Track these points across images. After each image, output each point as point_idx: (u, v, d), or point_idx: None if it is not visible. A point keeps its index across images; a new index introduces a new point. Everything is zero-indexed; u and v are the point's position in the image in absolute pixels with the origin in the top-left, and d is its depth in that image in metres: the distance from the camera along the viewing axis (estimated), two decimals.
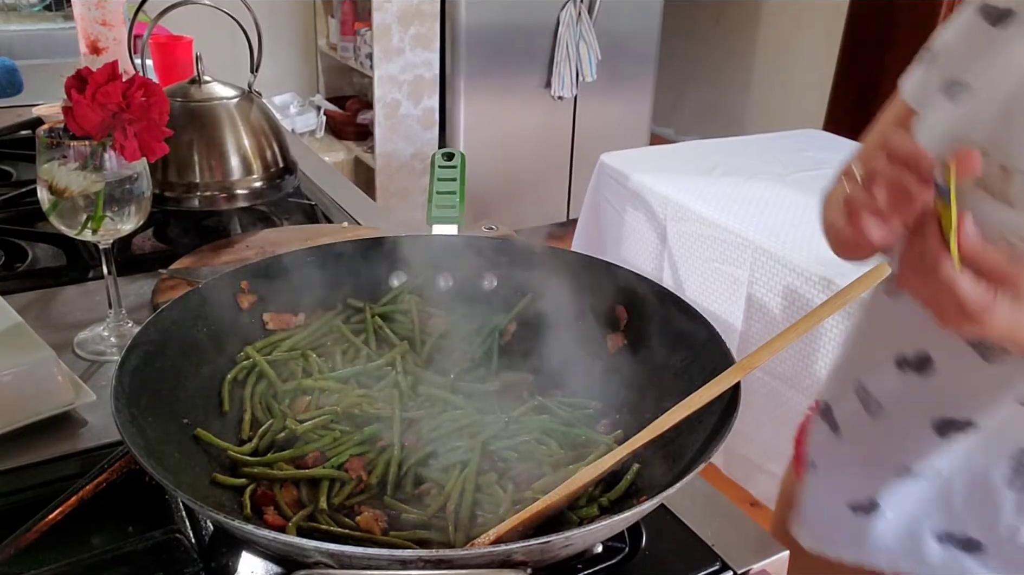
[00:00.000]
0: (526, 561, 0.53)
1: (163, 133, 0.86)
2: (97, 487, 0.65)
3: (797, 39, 4.14)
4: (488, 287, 0.88)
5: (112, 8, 1.54)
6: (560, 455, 0.71)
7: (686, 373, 0.72)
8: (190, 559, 0.62)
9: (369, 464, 0.70)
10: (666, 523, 0.69)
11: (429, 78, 3.51)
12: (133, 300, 1.03)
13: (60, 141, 0.84)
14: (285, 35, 3.75)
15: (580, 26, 3.52)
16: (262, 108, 1.24)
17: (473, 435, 0.72)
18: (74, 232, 0.87)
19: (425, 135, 3.61)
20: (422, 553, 0.52)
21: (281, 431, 0.73)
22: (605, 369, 0.80)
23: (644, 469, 0.68)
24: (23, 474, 0.73)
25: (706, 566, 0.66)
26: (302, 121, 3.69)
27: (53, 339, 0.85)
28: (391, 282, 0.89)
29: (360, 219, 1.31)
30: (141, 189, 0.88)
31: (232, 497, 0.67)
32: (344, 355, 0.82)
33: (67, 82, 0.83)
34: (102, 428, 0.79)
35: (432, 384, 0.78)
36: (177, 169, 1.16)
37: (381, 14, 3.32)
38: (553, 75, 3.57)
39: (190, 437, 0.70)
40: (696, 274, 2.38)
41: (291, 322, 0.84)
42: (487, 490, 0.67)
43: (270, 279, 0.84)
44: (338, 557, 0.52)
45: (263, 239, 1.15)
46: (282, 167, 1.24)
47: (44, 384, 0.79)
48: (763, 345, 0.66)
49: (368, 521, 0.64)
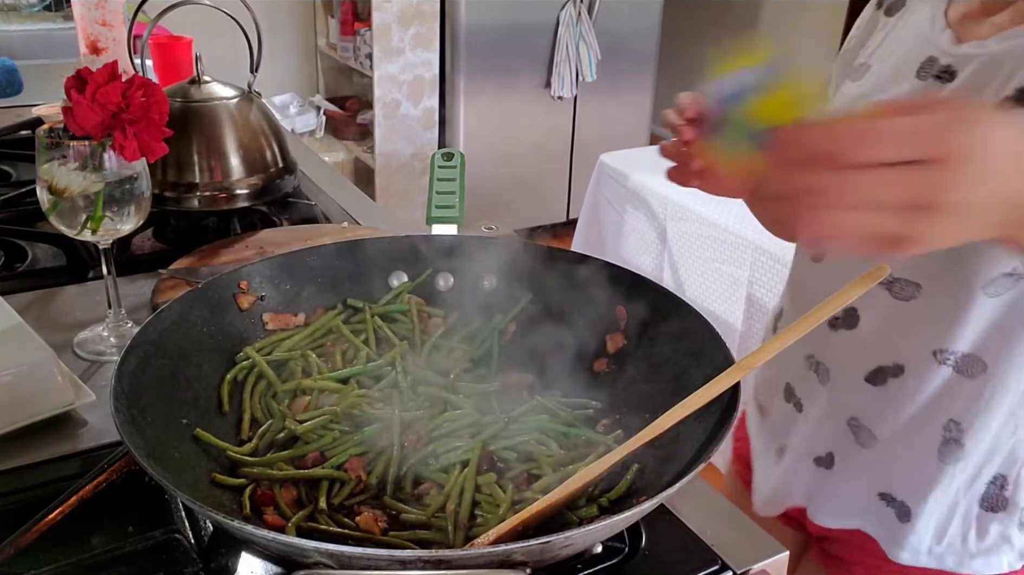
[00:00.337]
0: (526, 561, 0.53)
1: (163, 133, 0.86)
2: (97, 487, 0.65)
3: (797, 39, 4.13)
4: (488, 287, 0.88)
5: (112, 8, 1.54)
6: (560, 455, 0.71)
7: (686, 373, 0.72)
8: (190, 559, 0.62)
9: (369, 464, 0.70)
10: (666, 523, 0.69)
11: (429, 78, 3.51)
12: (133, 300, 1.03)
13: (60, 141, 0.84)
14: (285, 35, 3.75)
15: (580, 26, 3.52)
16: (262, 108, 1.24)
17: (473, 435, 0.72)
18: (74, 232, 0.87)
19: (425, 135, 3.61)
20: (422, 553, 0.52)
21: (281, 431, 0.73)
22: (605, 369, 0.80)
23: (644, 469, 0.68)
24: (23, 474, 0.73)
25: (706, 566, 0.66)
26: (302, 121, 3.69)
27: (53, 339, 0.85)
28: (391, 282, 0.89)
29: (360, 219, 1.31)
30: (141, 189, 0.88)
31: (232, 497, 0.66)
32: (344, 355, 0.82)
33: (67, 82, 0.83)
34: (102, 428, 0.79)
35: (432, 384, 0.78)
36: (177, 169, 1.16)
37: (381, 14, 3.32)
38: (553, 75, 3.57)
39: (190, 437, 0.70)
40: (696, 274, 2.38)
41: (291, 322, 0.84)
42: (487, 490, 0.67)
43: (270, 279, 0.84)
44: (338, 557, 0.52)
45: (263, 239, 1.15)
46: (282, 167, 1.24)
47: (44, 384, 0.79)
48: (763, 345, 0.66)
49: (368, 521, 0.64)
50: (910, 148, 0.47)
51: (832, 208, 0.48)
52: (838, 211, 0.48)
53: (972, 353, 0.78)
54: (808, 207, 0.48)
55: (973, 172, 0.47)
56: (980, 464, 0.82)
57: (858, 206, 0.47)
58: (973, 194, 0.47)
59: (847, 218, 0.48)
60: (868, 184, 0.47)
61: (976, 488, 0.83)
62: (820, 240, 0.50)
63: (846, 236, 0.48)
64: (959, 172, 0.47)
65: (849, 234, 0.48)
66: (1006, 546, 0.85)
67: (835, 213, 0.48)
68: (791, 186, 0.49)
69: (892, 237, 0.48)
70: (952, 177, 0.47)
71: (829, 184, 0.47)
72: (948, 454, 0.82)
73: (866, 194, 0.47)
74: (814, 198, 0.48)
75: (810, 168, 0.48)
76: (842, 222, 0.48)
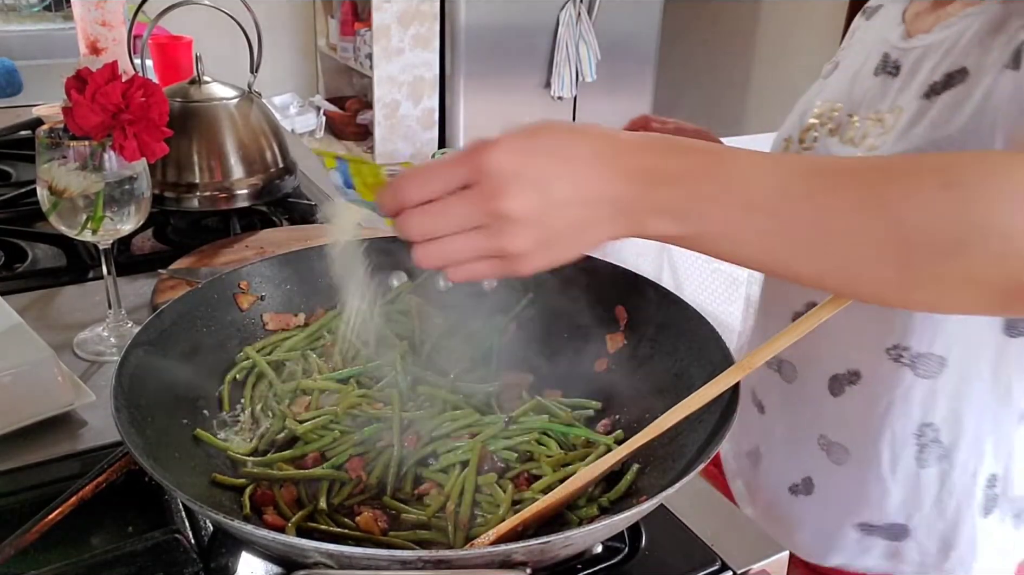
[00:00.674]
0: (526, 561, 0.53)
1: (163, 133, 0.86)
2: (97, 487, 0.65)
3: (797, 40, 4.13)
4: (488, 287, 0.88)
5: (112, 8, 1.54)
6: (560, 455, 0.71)
7: (686, 373, 0.72)
8: (190, 559, 0.62)
9: (369, 464, 0.70)
10: (666, 523, 0.69)
11: (429, 78, 3.51)
12: (133, 300, 1.03)
13: (60, 141, 0.84)
14: (285, 35, 3.75)
15: (580, 26, 3.52)
16: (262, 108, 1.24)
17: (473, 435, 0.72)
18: (74, 232, 0.87)
19: (424, 135, 3.61)
20: (422, 553, 0.52)
21: (281, 431, 0.73)
22: (605, 369, 0.80)
23: (644, 469, 0.68)
24: (23, 475, 0.73)
25: (706, 566, 0.66)
26: (302, 121, 3.69)
27: (53, 339, 0.85)
28: (391, 282, 0.89)
29: None
30: (141, 189, 0.88)
31: (232, 497, 0.66)
32: (344, 355, 0.82)
33: (67, 82, 0.83)
34: (102, 428, 0.79)
35: (432, 384, 0.78)
36: (177, 169, 1.16)
37: (381, 14, 3.32)
38: (553, 75, 3.57)
39: (190, 437, 0.70)
40: (696, 274, 2.37)
41: (291, 322, 0.84)
42: (487, 490, 0.67)
43: (270, 279, 0.84)
44: (337, 557, 0.52)
45: (263, 239, 1.15)
46: (282, 167, 1.24)
47: (44, 384, 0.79)
48: (763, 345, 0.65)
49: (368, 521, 0.64)
50: (438, 179, 0.52)
51: (420, 245, 0.53)
52: (425, 246, 0.53)
53: (929, 352, 0.78)
54: (414, 248, 0.54)
55: (517, 184, 0.50)
56: (972, 470, 0.81)
57: (436, 237, 0.53)
58: (532, 203, 0.50)
59: (434, 249, 0.53)
60: (422, 217, 0.52)
61: (976, 498, 0.82)
62: (428, 265, 0.54)
63: (448, 263, 0.54)
64: (499, 187, 0.50)
65: (448, 261, 0.53)
66: (1010, 549, 0.85)
67: (424, 247, 0.53)
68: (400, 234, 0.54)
69: (494, 257, 0.52)
70: (493, 191, 0.50)
71: (405, 227, 0.53)
72: (929, 458, 0.81)
73: (429, 225, 0.52)
74: (411, 237, 0.53)
75: (398, 218, 0.53)
76: (432, 253, 0.53)
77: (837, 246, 0.51)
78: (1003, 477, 0.82)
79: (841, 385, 0.84)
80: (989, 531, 0.84)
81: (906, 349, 0.78)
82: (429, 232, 0.52)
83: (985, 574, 0.85)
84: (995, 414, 0.79)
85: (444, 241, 0.52)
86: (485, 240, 0.52)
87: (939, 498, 0.83)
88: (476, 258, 0.53)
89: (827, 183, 0.51)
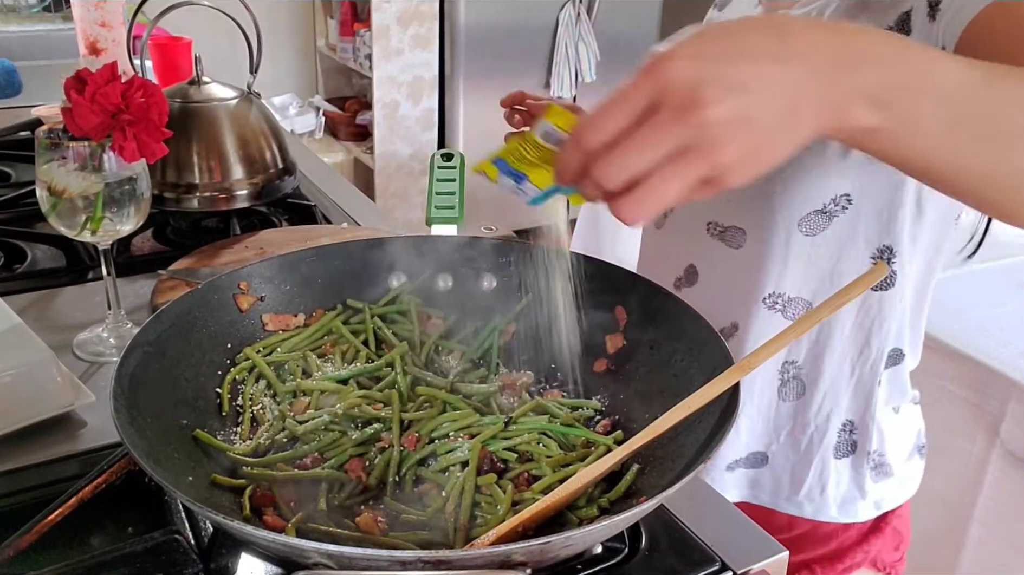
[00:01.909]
0: (526, 561, 0.53)
1: (162, 134, 0.86)
2: (96, 488, 0.65)
3: None
4: (488, 287, 0.88)
5: (111, 9, 1.54)
6: (560, 455, 0.71)
7: (686, 373, 0.72)
8: (190, 560, 0.62)
9: (369, 465, 0.70)
10: (666, 523, 0.69)
11: (428, 79, 3.51)
12: (132, 301, 1.03)
13: (59, 142, 0.84)
14: (284, 36, 3.75)
15: (579, 26, 3.52)
16: (261, 109, 1.24)
17: (473, 435, 0.72)
18: (73, 233, 0.87)
19: (424, 136, 3.61)
20: (422, 554, 0.52)
21: (280, 432, 0.73)
22: (605, 369, 0.80)
23: (644, 469, 0.68)
24: (22, 475, 0.73)
25: (706, 566, 0.66)
26: (301, 122, 3.69)
27: (52, 340, 0.85)
28: (391, 283, 0.89)
29: (359, 220, 1.31)
30: (140, 190, 0.88)
31: (231, 498, 0.66)
32: (344, 356, 0.82)
33: (66, 83, 0.83)
34: (101, 429, 0.79)
35: (431, 384, 0.78)
36: (177, 170, 1.16)
37: (380, 15, 3.32)
38: (552, 75, 3.57)
39: (189, 438, 0.70)
40: None
41: (291, 323, 0.84)
42: (487, 491, 0.67)
43: (270, 279, 0.84)
44: (337, 558, 0.52)
45: (263, 239, 1.15)
46: (281, 168, 1.24)
47: (43, 385, 0.79)
48: (763, 345, 0.66)
49: (368, 522, 0.64)
50: (620, 111, 0.47)
51: (625, 197, 0.48)
52: (632, 196, 0.47)
53: (798, 296, 0.83)
54: (617, 205, 0.48)
55: (712, 90, 0.45)
56: (828, 412, 0.87)
57: (641, 173, 0.47)
58: (735, 105, 0.45)
59: (642, 194, 0.47)
60: (621, 157, 0.46)
61: (829, 438, 0.88)
62: (641, 215, 0.48)
63: (664, 205, 0.48)
64: (695, 97, 0.45)
65: (663, 201, 0.47)
66: (860, 495, 0.91)
67: (630, 198, 0.47)
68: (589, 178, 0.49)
69: (699, 178, 0.47)
70: (691, 103, 0.45)
71: (604, 175, 0.47)
72: (789, 393, 0.87)
73: (632, 162, 0.46)
74: (613, 185, 0.48)
75: (592, 171, 0.48)
76: (644, 199, 0.47)
77: (1014, 140, 0.49)
78: (860, 426, 0.88)
79: (725, 338, 0.86)
80: (841, 472, 0.90)
81: (780, 295, 0.83)
82: (634, 170, 0.46)
83: (837, 511, 0.92)
84: (853, 364, 0.86)
85: (652, 181, 0.46)
86: (696, 160, 0.46)
87: (792, 432, 0.89)
88: (688, 187, 0.47)
89: (1003, 74, 0.50)
